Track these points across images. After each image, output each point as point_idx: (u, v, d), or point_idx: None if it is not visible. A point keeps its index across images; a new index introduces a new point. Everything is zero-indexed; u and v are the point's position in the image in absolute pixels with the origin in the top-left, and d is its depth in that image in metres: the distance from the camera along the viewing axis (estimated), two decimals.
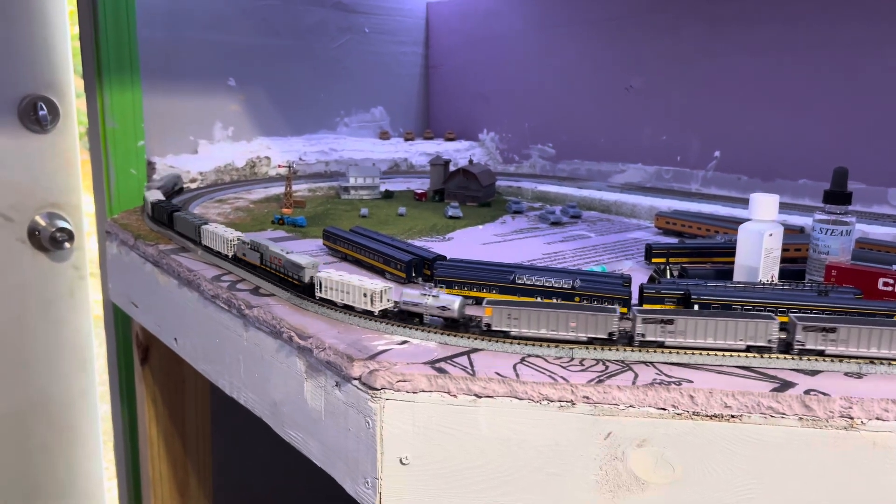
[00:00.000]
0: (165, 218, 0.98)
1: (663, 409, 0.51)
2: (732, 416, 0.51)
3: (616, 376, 0.54)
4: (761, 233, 0.71)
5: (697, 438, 0.51)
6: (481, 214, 1.24)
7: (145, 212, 1.10)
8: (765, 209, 0.72)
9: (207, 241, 0.86)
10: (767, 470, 0.51)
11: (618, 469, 0.52)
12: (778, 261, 0.73)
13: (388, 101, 1.91)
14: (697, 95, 1.37)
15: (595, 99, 1.56)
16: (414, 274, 0.78)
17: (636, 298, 0.68)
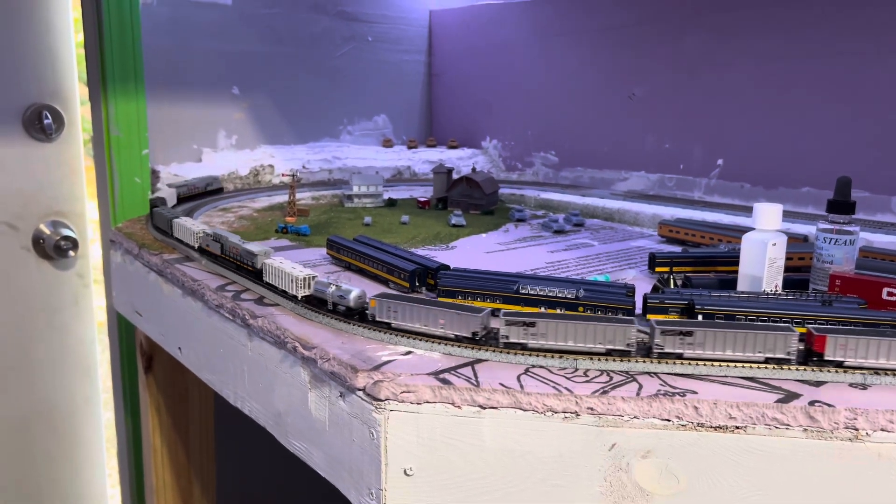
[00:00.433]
0: (150, 215, 1.05)
1: (668, 421, 0.51)
2: (737, 428, 0.51)
3: (620, 387, 0.54)
4: (765, 242, 0.71)
5: (702, 450, 0.51)
6: (484, 222, 1.24)
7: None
8: (768, 219, 0.72)
9: (178, 234, 0.93)
10: (772, 481, 0.50)
11: (622, 480, 0.52)
12: (782, 270, 0.73)
13: (391, 109, 1.91)
14: (700, 103, 1.37)
15: (598, 107, 1.57)
16: (418, 283, 0.78)
17: (640, 308, 0.68)
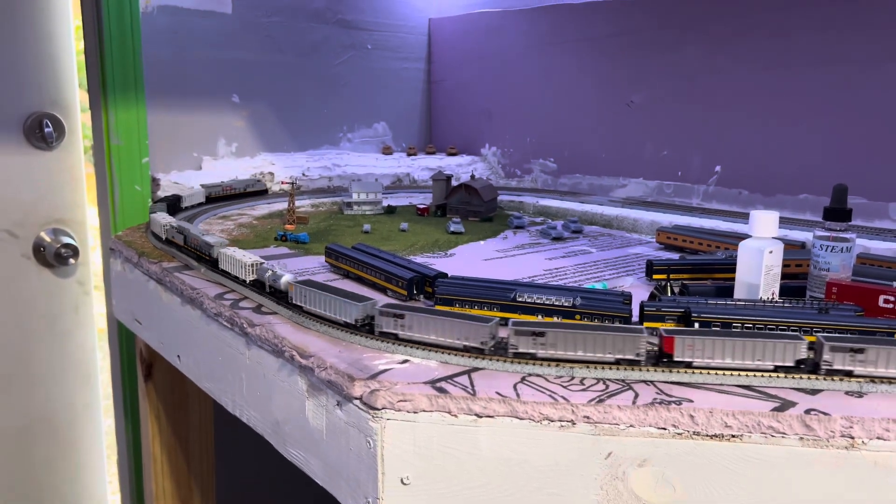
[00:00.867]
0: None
1: (664, 429, 0.51)
2: (733, 436, 0.51)
3: (616, 396, 0.54)
4: (761, 250, 0.71)
5: (698, 458, 0.51)
6: (483, 229, 1.24)
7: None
8: (765, 226, 0.72)
9: (154, 229, 1.04)
10: (768, 490, 0.51)
11: (618, 489, 0.52)
12: (778, 278, 0.73)
13: (390, 116, 1.92)
14: (698, 110, 1.38)
15: (596, 114, 1.57)
16: (415, 291, 0.78)
17: (637, 316, 0.68)
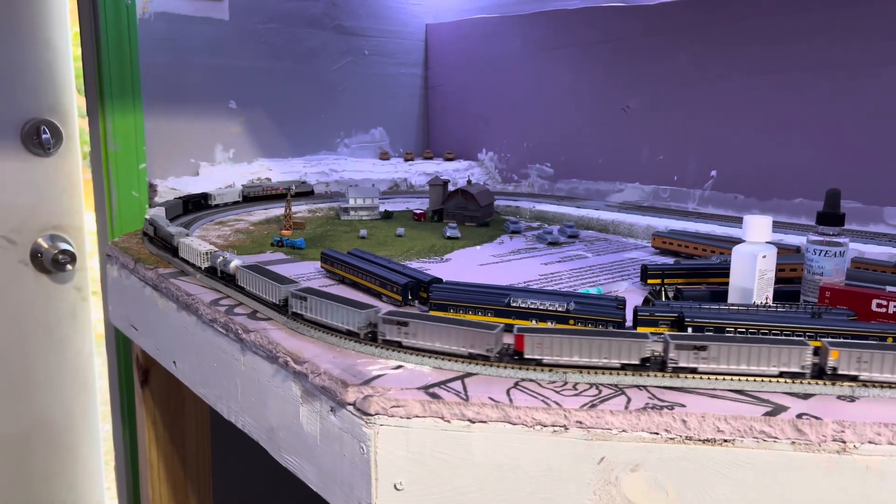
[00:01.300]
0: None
1: (656, 434, 0.52)
2: (725, 441, 0.51)
3: (609, 401, 0.54)
4: (755, 255, 0.71)
5: (690, 463, 0.51)
6: (479, 234, 1.25)
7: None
8: (758, 231, 0.72)
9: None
10: (761, 494, 0.51)
11: (611, 494, 0.52)
12: (772, 282, 0.73)
13: (387, 121, 1.92)
14: (694, 115, 1.38)
15: (593, 119, 1.58)
16: (410, 296, 0.78)
17: (630, 321, 0.68)
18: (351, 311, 0.65)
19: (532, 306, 0.68)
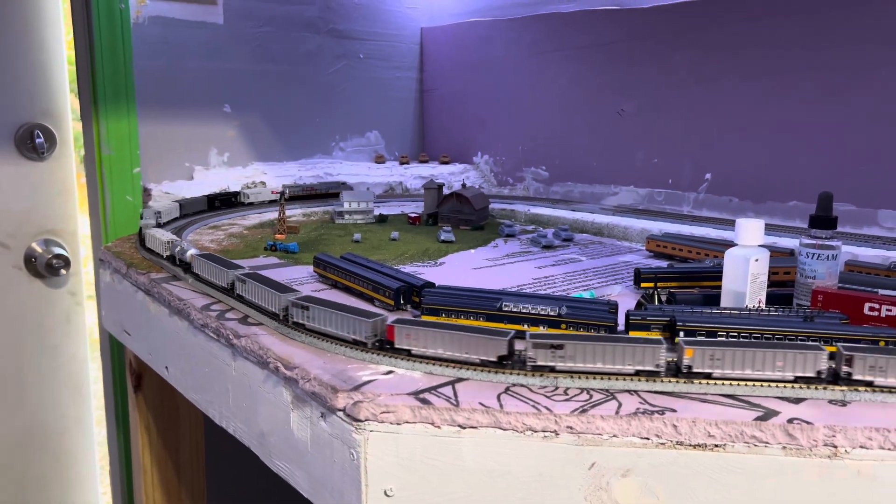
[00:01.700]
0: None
1: (647, 439, 0.51)
2: (716, 446, 0.51)
3: (599, 405, 0.54)
4: (747, 258, 0.71)
5: (681, 468, 0.51)
6: (474, 238, 1.24)
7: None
8: (751, 234, 0.72)
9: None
10: (752, 499, 0.50)
11: (602, 499, 0.52)
12: (765, 286, 0.73)
13: (383, 125, 1.92)
14: (689, 119, 1.38)
15: (588, 122, 1.58)
16: (403, 301, 0.78)
17: (623, 325, 0.68)
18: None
19: (524, 310, 0.68)
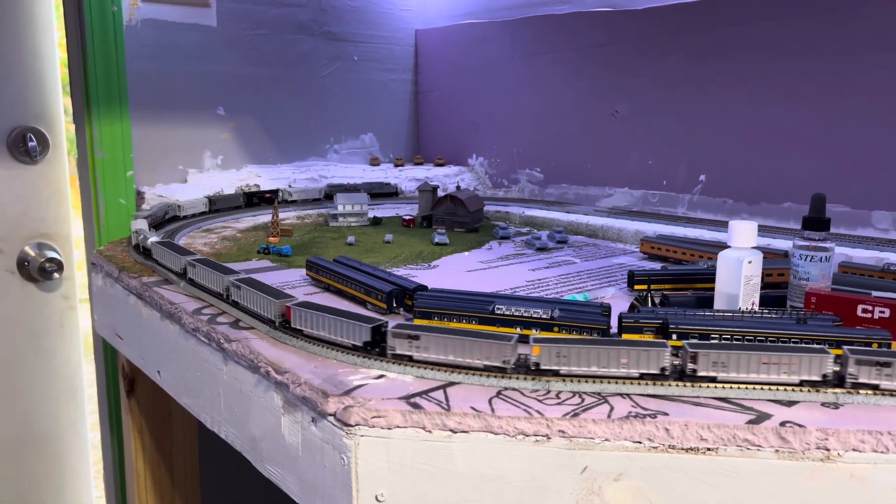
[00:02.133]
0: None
1: (639, 443, 0.51)
2: (708, 449, 0.50)
3: (591, 409, 0.53)
4: (740, 260, 0.71)
5: (674, 472, 0.51)
6: (468, 240, 1.24)
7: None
8: (744, 236, 0.72)
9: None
10: (744, 503, 0.50)
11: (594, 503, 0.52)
12: (758, 288, 0.73)
13: (377, 127, 1.92)
14: (683, 120, 1.38)
15: (582, 124, 1.58)
16: (395, 304, 0.78)
17: (616, 328, 0.67)
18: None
19: (516, 313, 0.68)
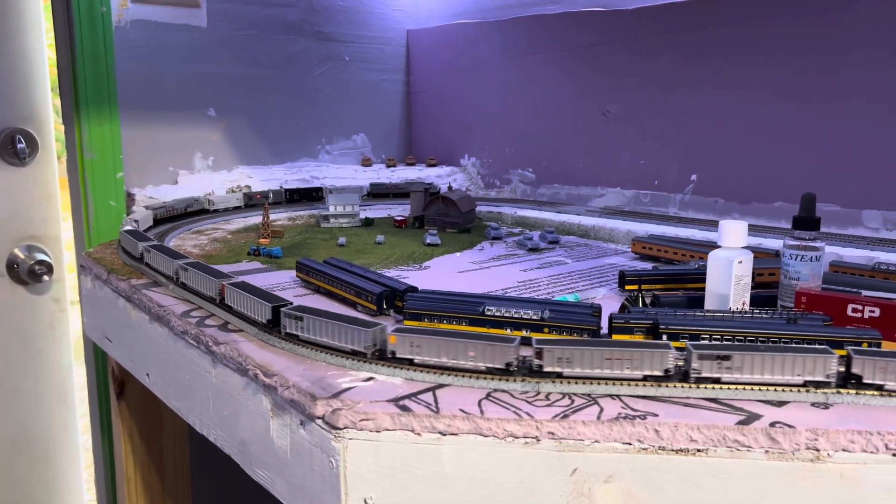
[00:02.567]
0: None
1: (629, 444, 0.51)
2: (698, 450, 0.50)
3: (581, 411, 0.53)
4: (731, 260, 0.71)
5: (663, 473, 0.50)
6: (460, 241, 1.24)
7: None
8: (734, 236, 0.72)
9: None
10: None
11: None
12: (748, 287, 0.73)
13: (369, 127, 1.92)
14: (674, 120, 1.38)
15: (574, 124, 1.57)
16: (385, 306, 0.77)
17: (606, 329, 0.67)
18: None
19: (506, 315, 0.67)
